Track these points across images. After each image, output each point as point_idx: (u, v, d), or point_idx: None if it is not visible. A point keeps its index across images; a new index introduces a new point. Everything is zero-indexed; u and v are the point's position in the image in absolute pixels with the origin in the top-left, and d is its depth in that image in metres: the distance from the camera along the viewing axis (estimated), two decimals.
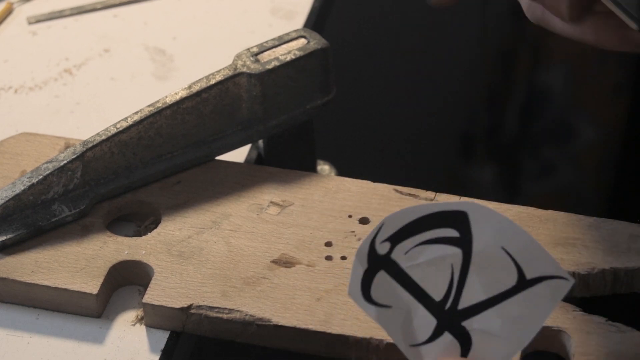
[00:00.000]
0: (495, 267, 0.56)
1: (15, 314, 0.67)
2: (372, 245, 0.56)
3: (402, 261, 0.56)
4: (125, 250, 0.68)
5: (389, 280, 0.56)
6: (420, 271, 0.56)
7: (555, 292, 0.55)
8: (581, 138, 1.38)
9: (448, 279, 0.56)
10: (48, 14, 0.92)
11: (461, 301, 0.56)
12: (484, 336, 0.56)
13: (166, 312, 0.65)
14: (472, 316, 0.56)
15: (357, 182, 0.72)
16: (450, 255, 0.56)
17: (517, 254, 0.55)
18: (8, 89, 0.85)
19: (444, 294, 0.56)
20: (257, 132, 0.73)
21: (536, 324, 0.56)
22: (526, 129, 1.41)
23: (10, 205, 0.69)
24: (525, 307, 0.56)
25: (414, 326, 0.57)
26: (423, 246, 0.56)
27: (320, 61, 0.72)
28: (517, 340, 0.56)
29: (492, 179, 1.40)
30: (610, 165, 1.40)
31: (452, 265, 0.56)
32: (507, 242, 0.55)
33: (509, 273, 0.56)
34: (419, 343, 0.57)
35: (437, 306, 0.56)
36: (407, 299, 0.56)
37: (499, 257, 0.55)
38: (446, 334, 0.57)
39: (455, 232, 0.56)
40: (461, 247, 0.56)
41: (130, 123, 0.70)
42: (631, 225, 0.68)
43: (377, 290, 0.56)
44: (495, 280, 0.56)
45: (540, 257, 0.55)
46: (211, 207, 0.70)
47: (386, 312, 0.56)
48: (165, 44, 0.89)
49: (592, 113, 1.39)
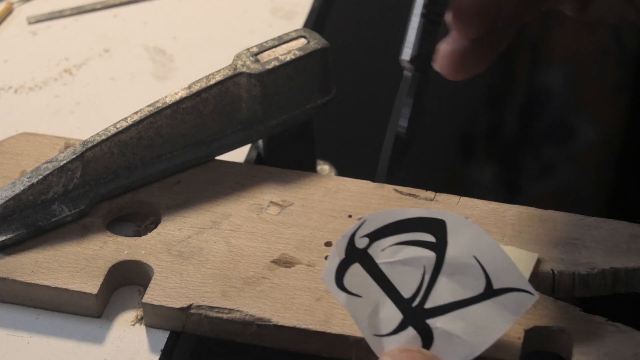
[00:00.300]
0: (466, 273, 0.59)
1: (15, 314, 0.67)
2: (352, 239, 0.59)
3: (377, 257, 0.60)
4: (125, 250, 0.68)
5: (362, 272, 0.59)
6: (393, 268, 0.60)
7: (519, 304, 0.59)
8: (581, 138, 1.38)
9: (419, 278, 0.59)
10: (48, 14, 0.92)
11: (428, 301, 0.59)
12: (445, 336, 0.59)
13: (166, 312, 0.65)
14: (437, 316, 0.59)
15: (357, 182, 0.72)
16: (424, 258, 0.59)
17: (487, 264, 0.59)
18: (8, 89, 0.85)
19: (413, 292, 0.59)
20: (257, 132, 0.73)
21: (497, 332, 0.59)
22: (526, 129, 1.41)
23: (10, 205, 0.69)
24: (489, 314, 0.59)
25: (380, 318, 0.59)
26: (399, 246, 0.60)
27: (320, 61, 0.72)
28: (476, 344, 0.59)
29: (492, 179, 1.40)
30: (610, 165, 1.41)
31: (424, 267, 0.59)
32: (479, 252, 0.59)
33: (477, 280, 0.59)
34: (383, 334, 0.59)
35: (404, 302, 0.59)
36: (377, 291, 0.59)
37: (470, 265, 0.59)
38: (410, 328, 0.59)
39: (432, 238, 0.59)
40: (435, 252, 0.59)
41: (130, 123, 0.70)
42: (631, 225, 0.68)
43: (350, 279, 0.59)
44: (464, 286, 0.59)
45: (509, 270, 0.59)
46: (211, 207, 0.70)
47: (355, 301, 0.59)
48: (165, 44, 0.89)
49: (592, 113, 1.39)
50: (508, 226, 0.68)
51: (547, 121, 1.40)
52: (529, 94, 1.42)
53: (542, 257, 0.66)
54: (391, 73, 1.27)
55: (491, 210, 0.70)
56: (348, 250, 0.59)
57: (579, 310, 0.64)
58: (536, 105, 1.40)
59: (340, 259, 0.59)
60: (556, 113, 1.41)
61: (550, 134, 1.40)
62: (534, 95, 1.41)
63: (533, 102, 1.40)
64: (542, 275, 0.66)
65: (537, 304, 0.64)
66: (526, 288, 0.59)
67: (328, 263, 0.59)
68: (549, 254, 0.67)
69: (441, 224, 0.59)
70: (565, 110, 1.41)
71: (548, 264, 0.66)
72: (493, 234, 0.68)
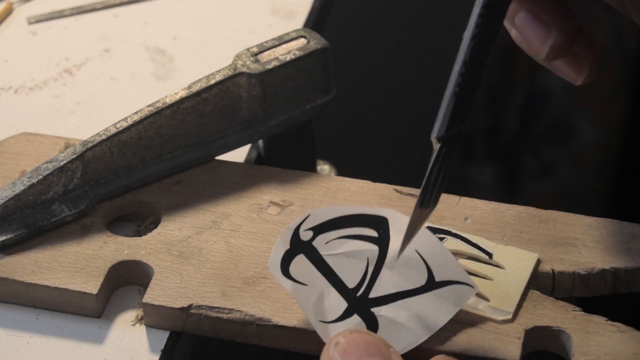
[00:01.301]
0: (408, 266, 0.62)
1: (15, 314, 0.67)
2: (297, 231, 0.62)
3: (321, 249, 0.62)
4: (125, 250, 0.68)
5: (307, 263, 0.62)
6: (337, 260, 0.62)
7: (460, 296, 0.62)
8: (581, 138, 1.38)
9: (363, 270, 0.62)
10: (48, 14, 0.92)
11: (372, 291, 0.61)
12: (390, 323, 0.61)
13: (166, 312, 0.65)
14: (381, 305, 0.61)
15: (357, 182, 0.72)
16: (368, 251, 0.62)
17: (429, 259, 0.62)
18: (8, 89, 0.85)
19: (357, 282, 0.62)
20: (257, 132, 0.73)
21: (440, 321, 0.61)
22: (526, 129, 1.41)
23: (10, 205, 0.69)
24: (432, 305, 0.61)
25: (325, 305, 0.61)
26: (343, 240, 0.62)
27: (320, 61, 0.72)
28: (420, 332, 0.61)
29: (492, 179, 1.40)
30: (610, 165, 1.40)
31: (367, 259, 0.62)
32: (421, 247, 0.62)
33: (420, 273, 0.62)
34: (328, 321, 0.61)
35: (349, 292, 0.61)
36: (322, 281, 0.61)
37: (413, 258, 0.62)
38: (355, 316, 0.61)
39: (375, 233, 0.62)
40: (378, 246, 0.62)
41: (130, 123, 0.70)
42: (631, 225, 0.68)
43: (295, 269, 0.61)
44: (407, 278, 0.62)
45: (450, 264, 0.62)
46: (211, 207, 0.70)
47: (301, 288, 0.61)
48: (165, 44, 0.89)
49: (592, 113, 1.39)
50: (508, 226, 0.68)
51: (547, 121, 1.40)
52: (529, 94, 1.42)
53: (542, 257, 0.66)
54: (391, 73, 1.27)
55: (491, 210, 0.70)
56: (293, 242, 0.61)
57: (579, 310, 0.64)
58: (536, 105, 1.40)
59: (285, 249, 0.61)
60: (556, 113, 1.41)
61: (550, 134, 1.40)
62: (534, 95, 1.41)
63: (533, 102, 1.40)
64: (542, 275, 0.66)
65: (537, 304, 0.64)
66: (466, 281, 0.62)
67: (273, 252, 0.61)
68: (549, 254, 0.67)
69: (384, 220, 0.62)
70: (565, 110, 1.41)
71: (548, 264, 0.66)
72: (493, 234, 0.68)
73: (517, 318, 0.63)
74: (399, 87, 1.26)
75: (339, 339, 0.58)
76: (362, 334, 0.59)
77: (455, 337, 0.62)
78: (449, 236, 0.67)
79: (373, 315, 0.61)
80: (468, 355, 0.62)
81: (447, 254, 0.62)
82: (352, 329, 0.60)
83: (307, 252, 0.62)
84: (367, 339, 0.58)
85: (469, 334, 0.63)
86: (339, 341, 0.58)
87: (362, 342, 0.58)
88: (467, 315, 0.63)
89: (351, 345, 0.58)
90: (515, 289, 0.64)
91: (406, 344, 0.61)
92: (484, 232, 0.68)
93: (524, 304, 0.64)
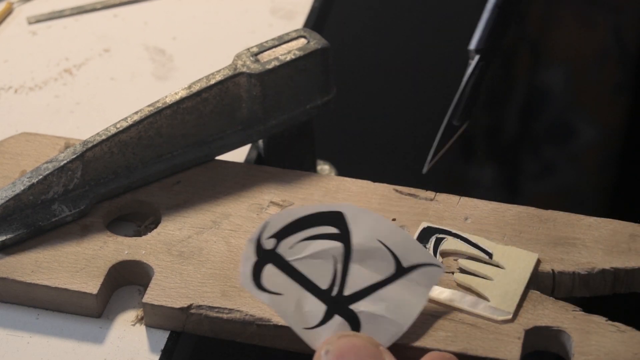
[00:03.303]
0: (375, 257, 0.62)
1: (15, 314, 0.67)
2: (259, 242, 0.61)
3: (287, 255, 0.61)
4: (125, 250, 0.68)
5: (277, 272, 0.61)
6: (305, 263, 0.62)
7: (430, 278, 0.62)
8: (581, 138, 1.38)
9: (332, 269, 0.62)
10: (48, 14, 0.92)
11: (346, 288, 0.62)
12: (371, 317, 0.61)
13: (166, 312, 0.65)
14: (358, 300, 0.61)
15: (357, 182, 0.72)
16: (332, 249, 0.62)
17: (393, 246, 0.62)
18: (8, 89, 0.85)
19: (330, 282, 0.62)
20: (257, 132, 0.73)
21: (417, 306, 0.62)
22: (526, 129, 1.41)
23: (10, 205, 0.69)
24: (405, 291, 0.62)
25: (305, 312, 0.61)
26: (306, 242, 0.62)
27: (320, 61, 0.72)
28: (401, 321, 0.62)
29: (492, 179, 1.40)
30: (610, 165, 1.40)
31: (334, 257, 0.62)
32: (382, 235, 0.62)
33: (387, 262, 0.62)
34: (312, 326, 0.61)
35: (324, 293, 0.62)
36: (296, 288, 0.61)
37: (377, 248, 0.62)
38: (336, 316, 0.61)
39: (335, 229, 0.62)
40: (342, 242, 0.62)
41: (130, 123, 0.70)
42: (631, 225, 0.68)
43: (267, 280, 0.61)
44: (376, 269, 0.62)
45: (414, 248, 0.62)
46: (211, 207, 0.70)
47: (278, 299, 0.61)
48: (165, 44, 0.89)
49: (592, 113, 1.39)
50: (508, 226, 0.68)
51: (547, 121, 1.40)
52: (529, 94, 1.42)
53: (542, 257, 0.66)
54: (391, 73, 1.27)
55: (491, 210, 0.70)
56: (258, 253, 0.61)
57: (579, 310, 0.64)
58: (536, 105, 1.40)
59: (252, 263, 0.61)
60: (556, 113, 1.40)
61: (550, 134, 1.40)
62: (534, 95, 1.41)
63: (533, 102, 1.40)
64: (542, 275, 0.66)
65: (537, 304, 0.64)
66: (433, 262, 0.62)
67: (241, 268, 0.61)
68: (549, 254, 0.67)
69: (340, 215, 0.62)
70: (565, 110, 1.41)
71: (548, 264, 0.66)
72: (493, 234, 0.68)
73: (517, 318, 0.63)
74: (399, 87, 1.25)
75: (328, 347, 0.59)
76: (349, 338, 0.59)
77: (455, 337, 0.62)
78: (449, 236, 0.67)
79: (353, 313, 0.61)
80: (468, 355, 0.62)
81: (409, 239, 0.62)
82: (340, 334, 0.60)
83: (274, 260, 0.61)
84: (356, 343, 0.59)
85: (469, 334, 0.63)
86: (329, 349, 0.59)
87: (351, 347, 0.59)
88: (467, 315, 0.64)
89: (341, 351, 0.58)
90: (515, 289, 0.64)
91: (391, 335, 0.61)
92: (484, 232, 0.68)
93: (524, 304, 0.64)
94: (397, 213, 0.70)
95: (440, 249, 0.67)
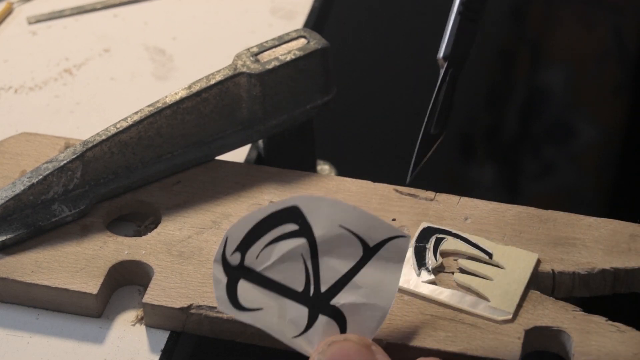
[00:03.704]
0: (340, 244, 0.61)
1: (15, 314, 0.67)
2: (224, 260, 0.60)
3: (256, 265, 0.60)
4: (125, 250, 0.68)
5: (251, 286, 0.60)
6: (275, 270, 0.60)
7: (398, 250, 0.61)
8: (581, 138, 1.38)
9: (303, 269, 0.61)
10: (48, 14, 0.92)
11: (322, 284, 0.61)
12: (353, 308, 0.61)
13: (166, 312, 0.65)
14: (337, 294, 0.61)
15: (357, 182, 0.72)
16: (298, 247, 0.60)
17: (355, 228, 0.60)
18: (8, 89, 0.85)
19: (304, 282, 0.61)
20: (257, 132, 0.73)
21: (394, 285, 0.61)
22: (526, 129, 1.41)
23: (10, 205, 0.69)
24: (378, 272, 0.61)
25: (290, 319, 0.61)
26: (270, 246, 0.60)
27: (320, 61, 0.72)
28: (383, 303, 0.61)
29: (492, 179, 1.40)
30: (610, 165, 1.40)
31: (302, 255, 0.61)
32: (343, 220, 0.60)
33: (354, 247, 0.61)
34: (300, 334, 0.61)
35: (302, 295, 0.61)
36: (273, 297, 0.60)
37: (340, 235, 0.60)
38: (320, 317, 0.61)
39: (295, 226, 0.60)
40: (304, 237, 0.60)
41: (130, 123, 0.70)
42: (631, 225, 0.68)
43: (244, 297, 0.60)
44: (345, 256, 0.61)
45: (375, 224, 0.61)
46: (211, 207, 0.70)
47: (260, 314, 0.60)
48: (165, 44, 0.89)
49: (592, 113, 1.39)
50: (508, 226, 0.68)
51: (547, 121, 1.40)
52: (529, 94, 1.42)
53: (542, 257, 0.66)
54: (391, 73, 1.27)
55: (491, 210, 0.70)
56: (227, 273, 0.60)
57: (579, 310, 0.64)
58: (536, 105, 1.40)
59: (225, 284, 0.60)
60: (556, 113, 1.40)
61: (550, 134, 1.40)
62: (534, 95, 1.41)
63: (533, 102, 1.40)
64: (542, 275, 0.66)
65: (537, 304, 0.64)
66: (397, 233, 0.61)
67: (216, 292, 0.60)
68: (549, 254, 0.67)
69: (295, 209, 0.60)
70: (565, 110, 1.41)
71: (548, 264, 0.66)
72: (493, 234, 0.68)
73: (517, 318, 0.63)
74: (398, 87, 1.25)
75: (320, 357, 0.59)
76: (340, 344, 0.59)
77: (455, 337, 0.62)
78: (449, 236, 0.67)
79: (335, 308, 0.61)
80: (468, 355, 0.62)
81: (368, 216, 0.61)
82: (330, 340, 0.60)
83: (245, 275, 0.60)
84: (346, 348, 0.59)
85: (469, 334, 0.63)
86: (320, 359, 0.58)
87: (343, 353, 0.58)
88: (467, 315, 0.64)
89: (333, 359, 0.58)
90: (515, 289, 0.64)
91: (377, 320, 0.61)
92: (484, 232, 0.68)
93: (524, 304, 0.64)
94: (397, 213, 0.70)
95: (440, 249, 0.67)
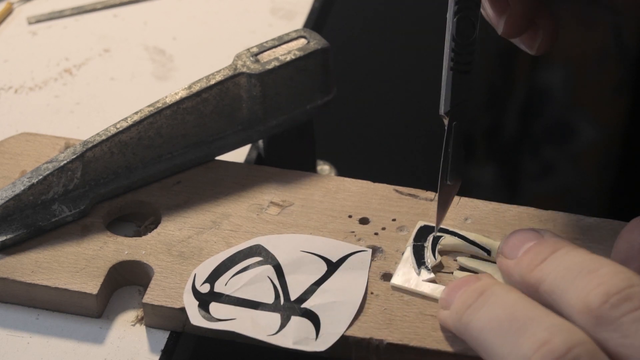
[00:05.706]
0: (305, 263, 0.65)
1: (15, 314, 0.67)
2: (194, 290, 0.64)
3: (226, 290, 0.64)
4: (125, 250, 0.68)
5: (222, 305, 0.64)
6: (245, 290, 0.64)
7: (362, 262, 0.66)
8: (581, 138, 1.38)
9: (271, 286, 0.65)
10: (48, 14, 0.92)
11: (291, 295, 0.64)
12: (325, 307, 0.63)
13: (166, 312, 0.65)
14: (306, 299, 0.64)
15: (357, 182, 0.72)
16: (264, 271, 0.65)
17: (317, 250, 0.66)
18: (8, 89, 0.85)
19: (274, 295, 0.64)
20: (257, 132, 0.73)
21: (361, 283, 0.64)
22: (526, 129, 1.41)
23: (10, 205, 0.69)
24: (345, 276, 0.65)
25: (263, 325, 0.63)
26: (238, 275, 0.65)
27: (320, 61, 0.72)
28: (353, 298, 0.64)
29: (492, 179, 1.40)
30: (610, 165, 1.40)
31: (269, 277, 0.65)
32: (304, 246, 0.66)
33: (318, 264, 0.65)
34: (274, 333, 0.63)
35: (273, 305, 0.64)
36: (245, 310, 0.64)
37: (304, 257, 0.66)
38: (293, 317, 0.63)
39: (259, 257, 0.66)
40: (269, 264, 0.66)
41: (130, 123, 0.70)
42: None
43: (217, 313, 0.64)
44: (310, 272, 0.65)
45: (335, 245, 0.66)
46: (211, 207, 0.70)
47: (233, 323, 0.63)
48: (165, 44, 0.89)
49: (592, 113, 1.39)
50: (508, 226, 0.68)
51: (547, 121, 1.40)
52: (529, 94, 1.42)
53: None
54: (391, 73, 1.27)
55: (491, 210, 0.70)
56: (197, 297, 0.64)
57: None
58: (536, 105, 1.40)
59: (197, 305, 0.64)
60: (556, 113, 1.40)
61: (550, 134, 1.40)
62: (534, 95, 1.41)
63: (533, 102, 1.40)
64: None
65: None
66: (359, 249, 0.66)
67: (188, 312, 0.63)
68: None
69: (258, 246, 0.66)
70: (565, 110, 1.41)
71: None
72: (493, 234, 0.68)
73: None
74: (399, 87, 1.26)
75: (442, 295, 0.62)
76: (455, 282, 0.61)
77: (455, 337, 0.62)
78: (446, 234, 0.67)
79: (307, 309, 0.63)
80: (468, 356, 0.62)
81: (329, 241, 0.66)
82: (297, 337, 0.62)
83: (215, 299, 0.64)
84: (465, 280, 0.61)
85: None
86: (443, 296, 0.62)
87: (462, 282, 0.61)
88: None
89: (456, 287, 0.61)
90: None
91: (349, 314, 0.63)
92: (484, 233, 0.68)
93: None
94: (397, 213, 0.70)
95: (439, 247, 0.67)
